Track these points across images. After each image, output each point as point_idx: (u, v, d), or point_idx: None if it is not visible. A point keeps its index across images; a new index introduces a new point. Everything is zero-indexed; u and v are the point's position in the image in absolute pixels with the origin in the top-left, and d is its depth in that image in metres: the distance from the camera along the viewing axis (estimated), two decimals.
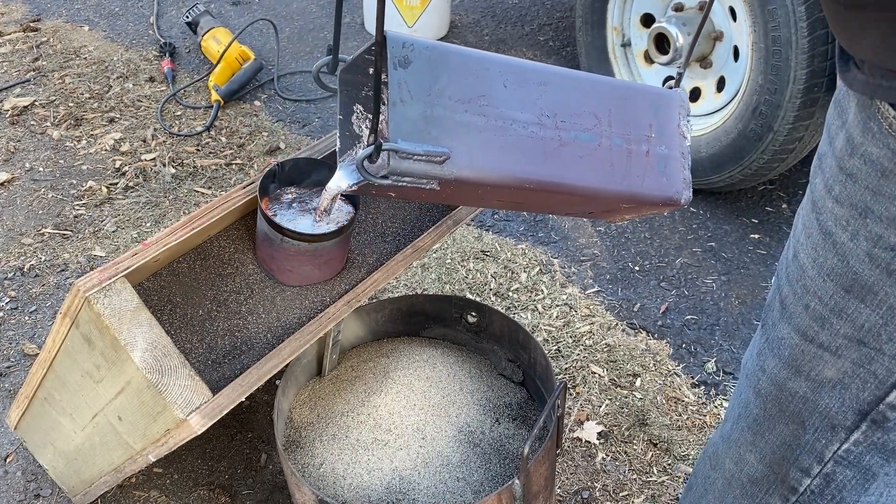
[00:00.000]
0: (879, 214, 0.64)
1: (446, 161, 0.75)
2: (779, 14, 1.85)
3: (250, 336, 1.15)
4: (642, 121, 0.88)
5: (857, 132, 0.65)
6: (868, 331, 0.69)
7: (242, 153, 2.47)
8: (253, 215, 1.23)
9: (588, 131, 0.84)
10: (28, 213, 2.23)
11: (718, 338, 1.85)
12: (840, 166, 0.68)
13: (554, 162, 0.82)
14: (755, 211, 2.24)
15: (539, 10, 3.31)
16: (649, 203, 0.90)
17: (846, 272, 0.69)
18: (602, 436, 1.61)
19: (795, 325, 0.75)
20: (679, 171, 0.90)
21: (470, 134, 0.77)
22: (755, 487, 0.86)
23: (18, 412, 1.38)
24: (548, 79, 0.83)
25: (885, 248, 0.65)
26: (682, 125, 0.92)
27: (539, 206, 0.93)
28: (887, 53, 0.60)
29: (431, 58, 0.76)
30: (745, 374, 0.86)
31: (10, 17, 3.30)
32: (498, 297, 1.94)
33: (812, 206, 0.73)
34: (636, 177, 0.87)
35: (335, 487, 1.23)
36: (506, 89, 0.80)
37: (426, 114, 0.75)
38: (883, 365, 0.69)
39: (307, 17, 3.31)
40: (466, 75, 0.78)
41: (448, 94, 0.76)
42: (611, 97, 0.87)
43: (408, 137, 0.73)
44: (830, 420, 0.75)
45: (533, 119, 0.81)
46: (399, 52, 0.74)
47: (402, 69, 0.74)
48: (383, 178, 0.75)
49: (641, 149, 0.88)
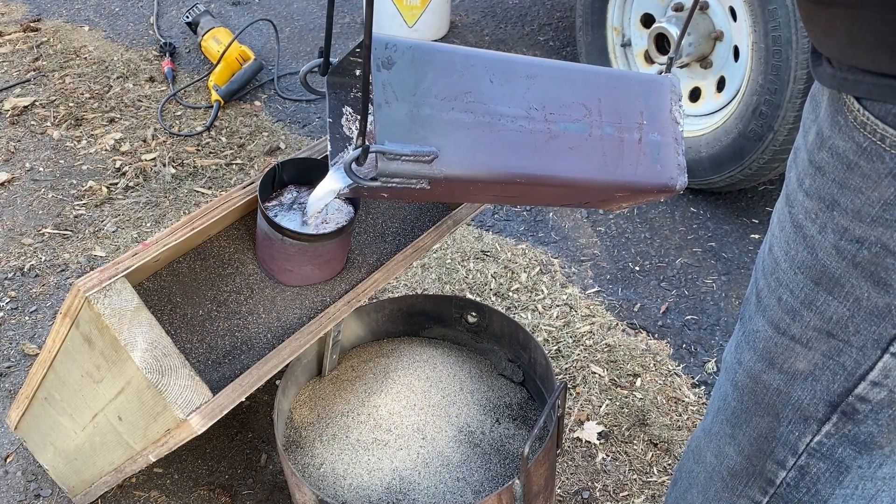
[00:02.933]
0: (845, 207, 0.65)
1: (435, 160, 0.75)
2: (779, 14, 1.85)
3: (250, 336, 1.15)
4: (633, 108, 0.88)
5: (826, 125, 0.66)
6: (836, 323, 0.69)
7: (242, 153, 2.47)
8: (253, 215, 1.23)
9: (578, 122, 0.84)
10: (28, 213, 2.23)
11: (718, 338, 1.85)
12: (810, 159, 0.69)
13: (544, 155, 0.81)
14: (755, 211, 2.24)
15: (539, 10, 3.31)
16: (644, 191, 0.89)
17: (815, 265, 0.69)
18: (602, 436, 1.61)
19: (769, 317, 0.76)
20: (673, 158, 0.90)
21: (458, 132, 0.77)
22: (735, 480, 0.86)
23: (18, 412, 1.38)
24: (535, 71, 0.82)
25: (850, 240, 0.65)
26: (675, 111, 0.91)
27: (533, 199, 0.93)
28: (851, 51, 0.61)
29: (415, 57, 0.76)
30: (724, 367, 0.87)
31: (11, 17, 3.30)
32: (498, 297, 1.94)
33: (786, 200, 0.74)
34: (629, 165, 0.87)
35: (335, 487, 1.23)
36: (492, 84, 0.80)
37: (412, 114, 0.74)
38: (851, 357, 0.70)
39: (307, 17, 3.31)
40: (451, 73, 0.77)
41: (434, 93, 0.76)
42: (600, 86, 0.86)
43: (395, 138, 0.73)
44: (803, 412, 0.76)
45: (521, 113, 0.81)
46: (382, 54, 0.74)
47: (385, 70, 0.74)
48: (372, 180, 0.74)
49: (633, 136, 0.87)
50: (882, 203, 0.62)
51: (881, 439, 0.73)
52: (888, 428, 0.72)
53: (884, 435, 0.73)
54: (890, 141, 0.60)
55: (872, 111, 0.61)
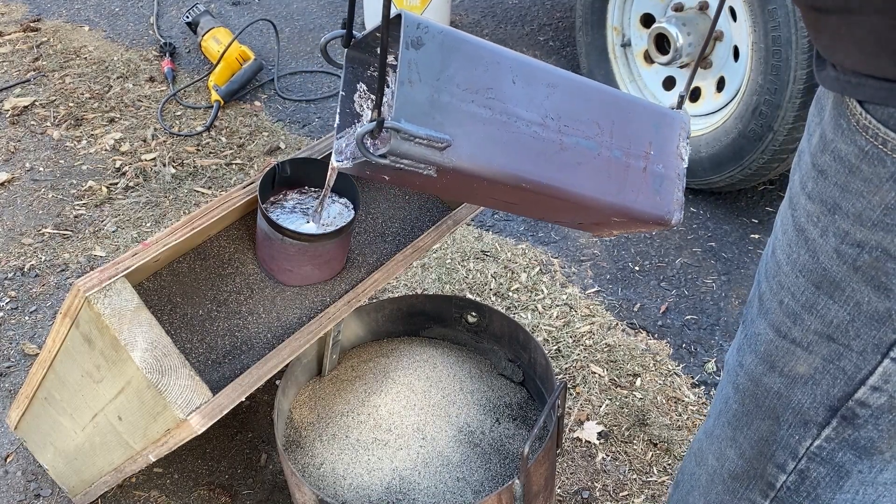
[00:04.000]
0: (846, 211, 0.65)
1: (447, 148, 0.75)
2: (779, 14, 1.85)
3: (250, 336, 1.15)
4: (643, 137, 0.88)
5: (830, 129, 0.66)
6: (836, 327, 0.69)
7: (242, 153, 2.47)
8: (253, 215, 1.23)
9: (589, 139, 0.84)
10: (28, 213, 2.23)
11: (718, 338, 1.85)
12: (813, 163, 0.69)
13: (552, 164, 0.82)
14: (755, 211, 2.24)
15: (539, 10, 3.31)
16: (640, 220, 0.90)
17: (816, 268, 0.69)
18: (602, 436, 1.61)
19: (770, 320, 0.76)
20: (673, 192, 0.90)
21: (473, 125, 0.76)
22: (736, 483, 0.86)
23: (18, 412, 1.38)
24: (556, 81, 0.83)
25: (851, 244, 0.66)
26: (681, 147, 0.92)
27: (531, 208, 0.93)
28: (854, 56, 0.61)
29: (444, 43, 0.75)
30: (726, 369, 0.87)
31: (11, 17, 3.30)
32: (498, 297, 1.94)
33: (789, 203, 0.74)
34: (631, 191, 0.87)
35: (335, 487, 1.23)
36: (514, 86, 0.79)
37: (433, 98, 0.74)
38: (851, 361, 0.70)
39: (307, 17, 3.31)
40: (477, 65, 0.77)
41: (457, 82, 0.75)
42: (615, 109, 0.86)
43: (411, 119, 0.72)
44: (803, 416, 0.76)
45: (537, 119, 0.81)
46: (413, 33, 0.73)
47: (413, 50, 0.73)
48: (381, 157, 0.74)
49: (639, 164, 0.88)
50: (883, 207, 0.62)
51: (881, 444, 0.73)
52: (889, 433, 0.72)
53: (884, 440, 0.72)
54: (892, 145, 0.60)
55: (875, 115, 0.61)
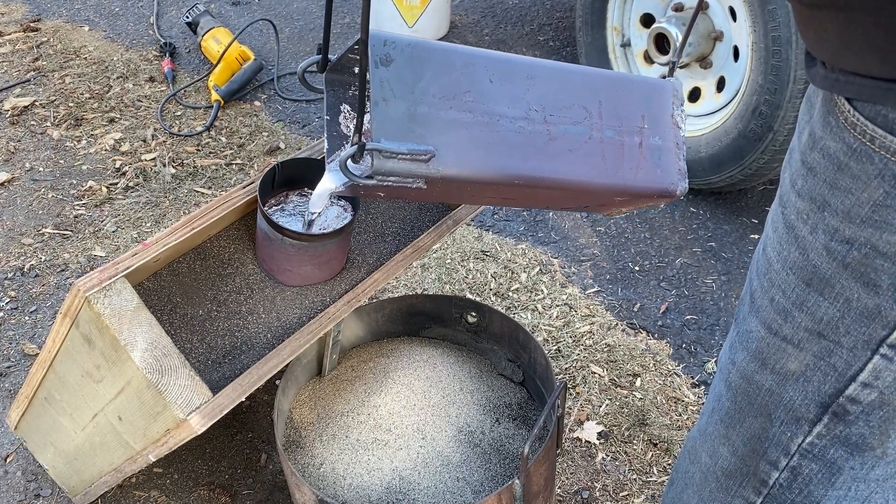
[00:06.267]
0: (835, 208, 0.65)
1: (432, 159, 0.74)
2: (779, 14, 1.85)
3: (250, 336, 1.15)
4: (634, 112, 0.87)
5: (819, 127, 0.66)
6: (827, 324, 0.70)
7: (242, 153, 2.47)
8: (253, 215, 1.23)
9: (578, 124, 0.83)
10: (28, 213, 2.23)
11: (718, 338, 1.85)
12: (802, 160, 0.69)
13: (543, 157, 0.81)
14: (755, 211, 2.24)
15: (539, 10, 3.31)
16: (644, 195, 0.89)
17: (806, 265, 0.70)
18: (602, 436, 1.61)
19: (762, 318, 0.76)
20: (674, 162, 0.89)
21: (456, 131, 0.76)
22: (729, 480, 0.87)
23: (18, 412, 1.38)
24: (535, 72, 0.82)
25: (840, 241, 0.66)
26: (676, 115, 0.90)
27: (531, 201, 0.92)
28: (842, 53, 0.61)
29: (414, 55, 0.75)
30: (718, 367, 0.87)
31: (10, 17, 3.30)
32: (498, 297, 1.94)
33: (779, 201, 0.74)
34: (629, 169, 0.86)
35: (335, 487, 1.23)
36: (492, 84, 0.79)
37: (410, 112, 0.74)
38: (842, 358, 0.70)
39: (307, 17, 3.31)
40: (451, 71, 0.77)
41: (432, 92, 0.75)
42: (601, 89, 0.85)
43: (392, 136, 0.72)
44: (794, 413, 0.76)
45: (521, 114, 0.80)
46: (381, 51, 0.73)
47: (383, 67, 0.73)
48: (368, 178, 0.74)
49: (634, 140, 0.86)
50: (871, 204, 0.63)
51: (873, 441, 0.73)
52: (880, 429, 0.72)
53: (875, 436, 0.73)
54: (879, 142, 0.60)
55: (863, 112, 0.61)
